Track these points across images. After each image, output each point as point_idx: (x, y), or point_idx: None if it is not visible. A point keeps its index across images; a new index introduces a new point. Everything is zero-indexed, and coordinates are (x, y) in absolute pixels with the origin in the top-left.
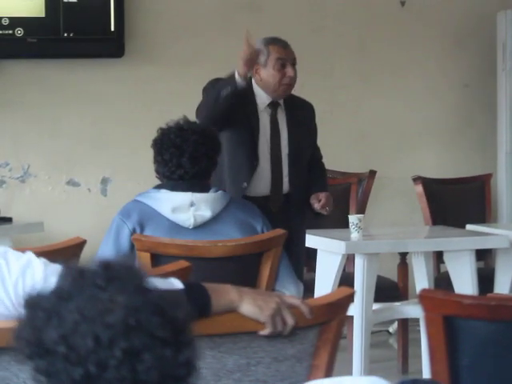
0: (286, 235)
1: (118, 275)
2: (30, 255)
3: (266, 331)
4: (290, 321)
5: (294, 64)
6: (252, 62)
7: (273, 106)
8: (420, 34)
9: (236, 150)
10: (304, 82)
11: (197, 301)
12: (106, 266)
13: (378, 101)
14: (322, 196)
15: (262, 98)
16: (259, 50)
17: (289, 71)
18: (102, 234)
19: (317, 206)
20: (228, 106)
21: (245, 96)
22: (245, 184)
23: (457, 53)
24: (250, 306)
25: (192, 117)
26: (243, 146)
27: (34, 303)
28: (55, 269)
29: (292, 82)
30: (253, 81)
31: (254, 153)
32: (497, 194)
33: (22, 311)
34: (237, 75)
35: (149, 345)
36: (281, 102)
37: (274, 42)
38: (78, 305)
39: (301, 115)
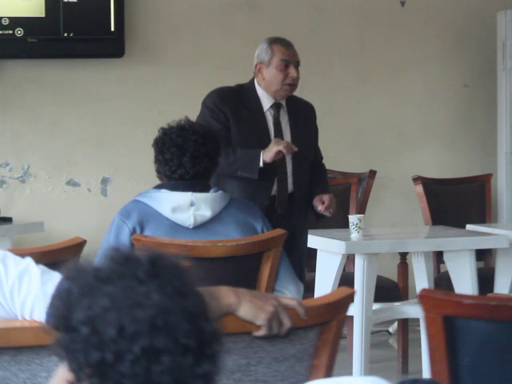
0: (288, 235)
1: (160, 273)
2: (28, 261)
3: (260, 333)
4: (287, 323)
5: (297, 65)
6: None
7: (275, 107)
8: (420, 33)
9: None
10: (304, 82)
11: None
12: (153, 261)
13: (378, 101)
14: (326, 198)
15: (265, 101)
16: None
17: (292, 72)
18: (102, 233)
19: (320, 208)
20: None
21: (250, 103)
22: (266, 202)
23: (457, 53)
24: (247, 309)
25: (193, 117)
26: None
27: (74, 277)
28: (53, 276)
29: (295, 83)
30: (255, 82)
31: (270, 167)
32: (497, 194)
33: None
34: (261, 163)
35: (170, 349)
36: (283, 102)
37: (278, 41)
38: (112, 291)
39: (302, 116)
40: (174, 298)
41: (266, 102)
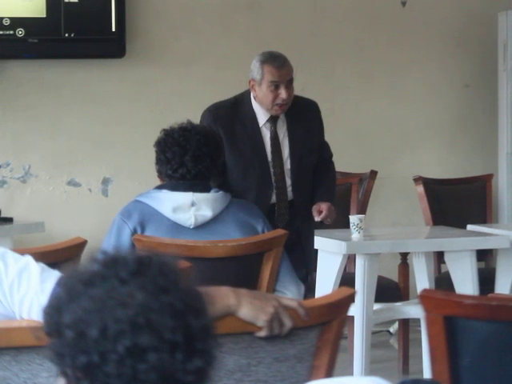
0: (292, 238)
1: (144, 271)
2: (28, 259)
3: (262, 334)
4: (288, 323)
5: (289, 84)
6: None
7: (272, 121)
8: (421, 34)
9: (246, 177)
10: (305, 83)
11: None
12: (139, 260)
13: (379, 101)
14: (323, 207)
15: (261, 115)
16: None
17: (282, 93)
18: (103, 234)
19: (317, 218)
20: None
21: (246, 118)
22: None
23: (458, 53)
24: (247, 310)
25: (194, 118)
26: (254, 175)
27: (63, 282)
28: (52, 274)
29: (286, 103)
30: (251, 95)
31: (267, 180)
32: (497, 194)
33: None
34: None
35: (155, 346)
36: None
37: (269, 61)
38: (95, 293)
39: (304, 117)
40: (157, 295)
41: (262, 116)
